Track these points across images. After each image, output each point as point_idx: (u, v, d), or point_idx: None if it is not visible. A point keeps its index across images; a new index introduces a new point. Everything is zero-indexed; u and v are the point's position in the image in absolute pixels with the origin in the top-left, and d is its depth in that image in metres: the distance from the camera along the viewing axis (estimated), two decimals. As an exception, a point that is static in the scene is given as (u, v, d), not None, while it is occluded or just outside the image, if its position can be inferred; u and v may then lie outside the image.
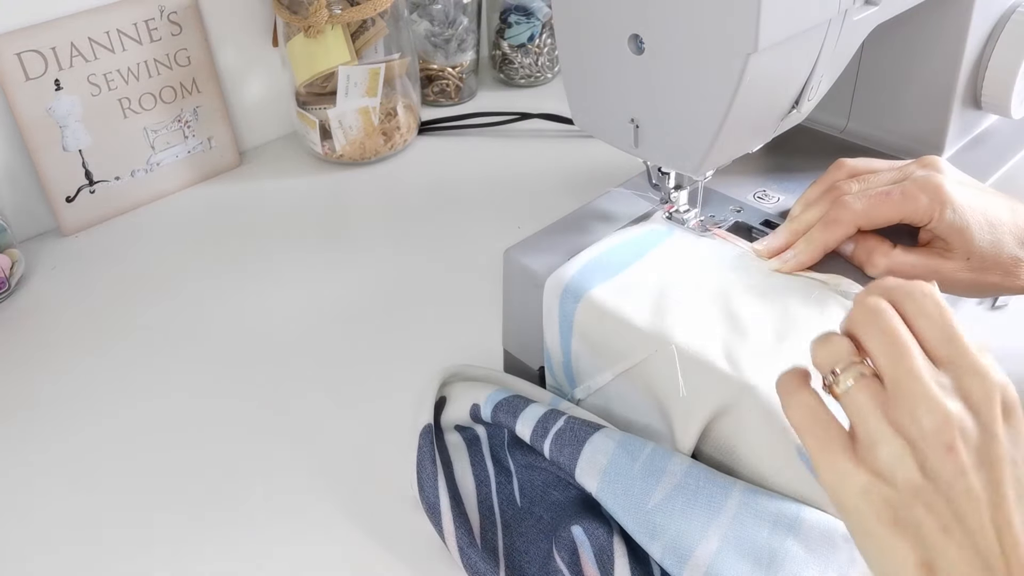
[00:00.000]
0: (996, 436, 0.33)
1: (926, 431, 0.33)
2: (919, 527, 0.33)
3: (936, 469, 0.33)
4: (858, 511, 0.34)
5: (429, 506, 0.48)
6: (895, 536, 0.33)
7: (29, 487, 0.55)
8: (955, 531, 0.32)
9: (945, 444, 0.33)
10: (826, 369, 0.36)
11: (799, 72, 0.47)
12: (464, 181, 0.83)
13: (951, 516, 0.33)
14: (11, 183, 0.76)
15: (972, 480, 0.33)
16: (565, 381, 0.53)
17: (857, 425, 0.35)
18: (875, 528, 0.34)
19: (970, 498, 0.32)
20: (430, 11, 0.90)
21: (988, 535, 0.32)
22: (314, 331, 0.66)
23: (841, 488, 0.34)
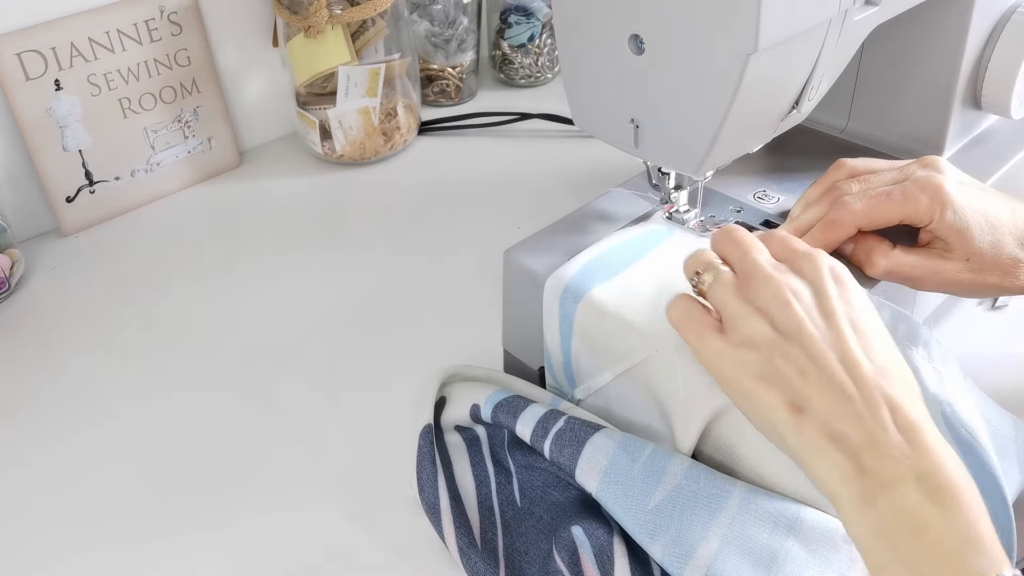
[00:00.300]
0: (826, 294, 0.40)
1: (768, 297, 0.40)
2: (781, 375, 0.39)
3: (782, 323, 0.39)
4: (734, 378, 0.40)
5: (429, 506, 0.48)
6: (763, 388, 0.39)
7: (29, 487, 0.55)
8: (810, 372, 0.38)
9: (783, 302, 0.40)
10: (691, 273, 0.44)
11: (799, 72, 0.47)
12: (464, 181, 0.83)
13: (805, 359, 0.38)
14: (11, 183, 0.76)
15: (812, 327, 0.39)
16: (565, 381, 0.53)
17: (720, 310, 0.42)
18: (748, 386, 0.39)
19: (814, 341, 0.38)
20: (430, 11, 0.90)
21: (838, 371, 0.38)
22: (314, 331, 0.66)
23: (717, 363, 0.41)
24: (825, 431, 0.37)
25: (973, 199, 0.48)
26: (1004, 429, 0.46)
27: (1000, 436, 0.46)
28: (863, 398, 0.37)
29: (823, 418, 0.37)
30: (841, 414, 0.37)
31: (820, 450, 0.37)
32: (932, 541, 0.34)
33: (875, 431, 0.36)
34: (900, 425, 0.36)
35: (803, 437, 0.38)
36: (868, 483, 0.36)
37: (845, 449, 0.37)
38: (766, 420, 0.39)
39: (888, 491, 0.35)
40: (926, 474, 0.35)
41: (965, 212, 0.48)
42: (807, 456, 0.38)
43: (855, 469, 0.36)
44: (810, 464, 0.38)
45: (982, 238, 0.48)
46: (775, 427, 0.39)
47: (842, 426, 0.37)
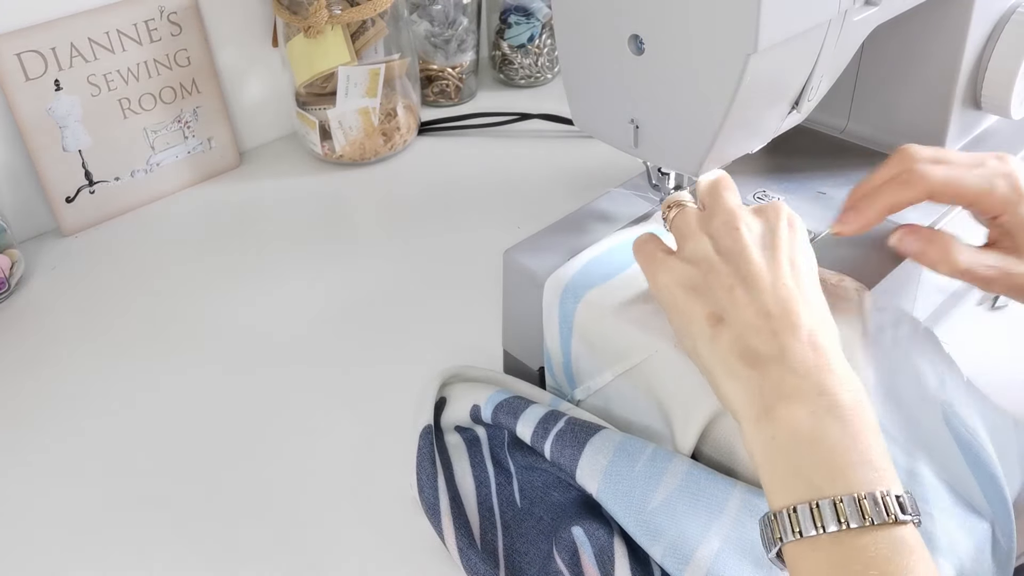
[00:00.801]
0: (776, 231, 0.42)
1: (719, 223, 0.43)
2: (709, 288, 0.41)
3: (726, 247, 0.42)
4: (667, 287, 0.42)
5: (429, 507, 0.48)
6: (690, 298, 0.41)
7: (29, 487, 0.55)
8: (738, 289, 0.40)
9: (732, 227, 0.42)
10: (664, 209, 0.47)
11: (799, 72, 0.47)
12: (464, 181, 0.83)
13: (737, 278, 0.40)
14: (11, 183, 0.76)
15: (754, 253, 0.41)
16: (565, 382, 0.53)
17: (676, 235, 0.45)
18: (678, 296, 0.42)
19: (752, 265, 0.40)
20: (430, 11, 0.90)
21: (767, 292, 0.39)
22: (313, 331, 0.66)
23: (657, 273, 0.43)
24: (738, 344, 0.39)
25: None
26: (1004, 429, 0.46)
27: (1000, 436, 0.46)
28: (782, 316, 0.39)
29: (738, 331, 0.39)
30: (756, 328, 0.39)
31: (728, 364, 0.39)
32: (824, 454, 0.35)
33: (784, 346, 0.38)
34: (809, 344, 0.38)
35: (716, 349, 0.40)
36: (769, 396, 0.37)
37: (753, 363, 0.38)
38: (687, 331, 0.41)
39: (786, 404, 0.37)
40: (824, 392, 0.36)
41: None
42: (716, 369, 0.40)
43: (758, 383, 0.38)
44: (718, 378, 0.39)
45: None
46: (693, 339, 0.41)
47: (755, 340, 0.39)
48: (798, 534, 0.34)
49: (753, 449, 0.37)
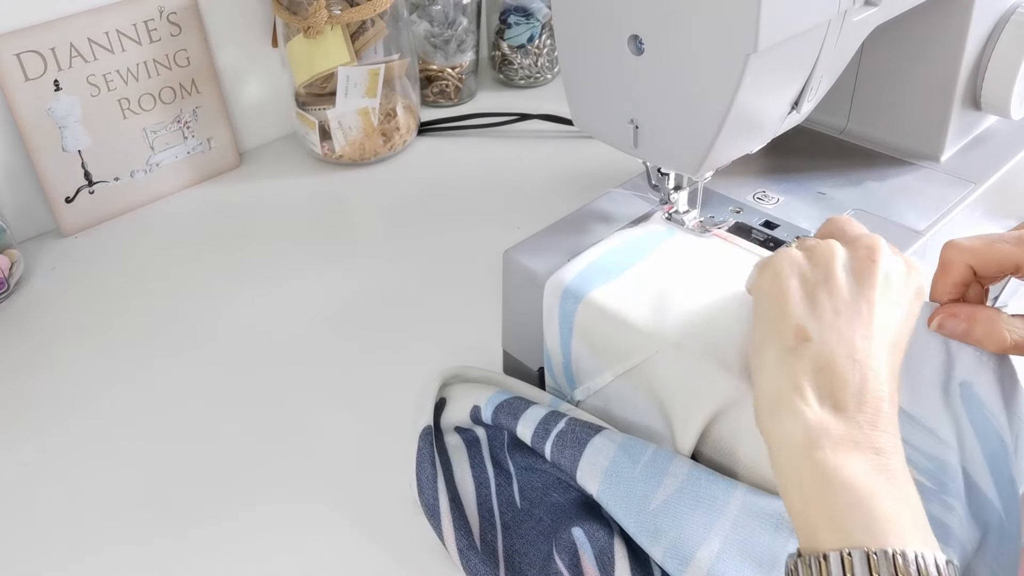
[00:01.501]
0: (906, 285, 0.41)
1: (863, 246, 0.41)
2: (815, 300, 0.39)
3: (855, 270, 0.40)
4: (778, 275, 0.40)
5: (428, 508, 0.48)
6: (793, 292, 0.40)
7: (28, 486, 0.55)
8: (844, 316, 0.38)
9: (871, 259, 0.40)
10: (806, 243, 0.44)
11: (799, 73, 0.47)
12: (463, 182, 0.83)
13: (848, 308, 0.39)
14: (11, 184, 0.76)
15: (877, 295, 0.39)
16: (565, 382, 0.53)
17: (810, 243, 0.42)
18: (781, 285, 0.40)
19: (869, 305, 0.39)
20: (430, 12, 0.90)
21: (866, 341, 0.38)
22: (313, 331, 0.66)
23: (777, 257, 0.41)
24: (815, 375, 0.38)
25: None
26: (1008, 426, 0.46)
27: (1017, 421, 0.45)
28: (866, 367, 0.37)
29: (821, 362, 0.38)
30: (840, 368, 0.37)
31: (798, 386, 0.37)
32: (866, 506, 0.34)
33: (859, 396, 0.37)
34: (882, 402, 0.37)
35: (791, 364, 0.38)
36: (830, 440, 0.36)
37: (821, 399, 0.37)
38: (765, 333, 0.40)
39: (846, 453, 0.36)
40: (881, 451, 0.36)
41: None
42: (783, 383, 0.38)
43: (821, 420, 0.36)
44: (781, 392, 0.38)
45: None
46: (771, 339, 0.39)
47: (832, 377, 0.37)
48: None
49: (798, 479, 0.36)
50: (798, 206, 0.58)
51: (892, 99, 0.61)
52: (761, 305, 0.41)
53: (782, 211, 0.57)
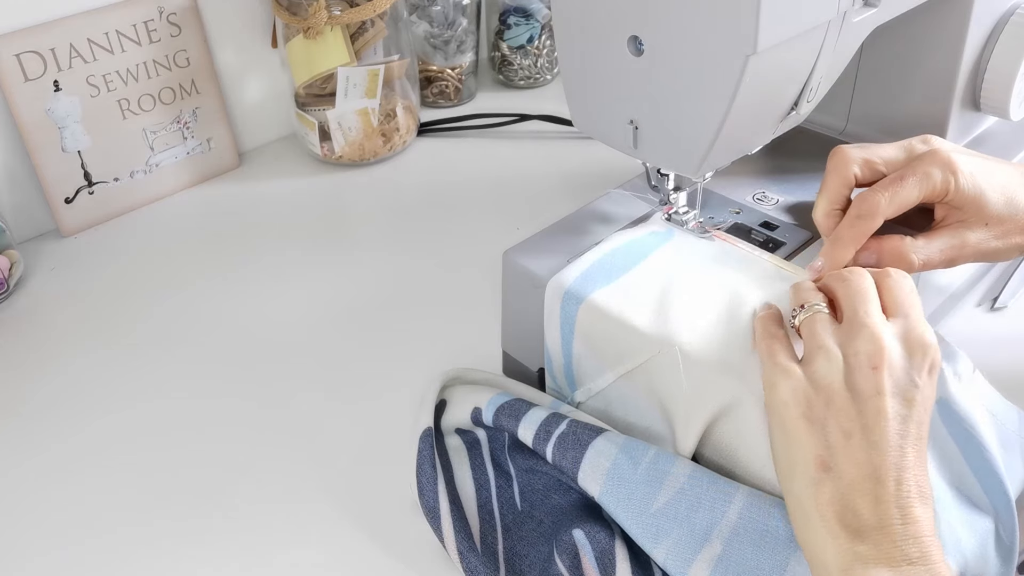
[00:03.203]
0: (916, 383, 0.39)
1: (860, 352, 0.39)
2: (825, 425, 0.38)
3: (858, 384, 0.38)
4: (784, 405, 0.39)
5: (429, 510, 0.48)
6: (802, 429, 0.38)
7: (28, 487, 0.55)
8: (856, 437, 0.37)
9: (872, 364, 0.38)
10: (795, 304, 0.44)
11: (798, 74, 0.47)
12: (463, 182, 0.83)
13: (857, 425, 0.37)
14: (10, 184, 0.76)
15: (886, 403, 0.38)
16: (566, 384, 0.53)
17: (806, 342, 0.41)
18: (793, 419, 0.39)
19: (879, 416, 0.37)
20: (429, 12, 0.90)
21: (891, 453, 0.37)
22: (313, 332, 0.66)
23: (778, 383, 0.40)
24: (839, 502, 0.37)
25: (978, 165, 0.48)
26: (1009, 423, 0.46)
27: (1005, 430, 0.46)
28: (891, 483, 0.37)
29: (843, 488, 0.37)
30: (863, 491, 0.37)
31: (825, 518, 0.37)
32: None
33: (884, 517, 0.36)
34: (912, 513, 0.37)
35: (817, 497, 0.38)
36: (861, 561, 0.36)
37: (848, 526, 0.37)
38: (790, 462, 0.39)
39: (875, 568, 0.36)
40: (913, 561, 0.35)
41: (976, 177, 0.48)
42: (812, 516, 0.38)
43: (851, 547, 0.36)
44: (812, 525, 0.38)
45: (996, 200, 0.48)
46: (794, 473, 0.39)
47: (858, 502, 0.37)
48: None
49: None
50: (798, 207, 0.58)
51: (891, 100, 0.61)
52: (775, 434, 0.41)
53: (782, 212, 0.57)
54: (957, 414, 0.45)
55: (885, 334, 0.40)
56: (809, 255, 0.54)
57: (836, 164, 0.50)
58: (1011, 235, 0.49)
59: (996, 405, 0.47)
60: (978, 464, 0.44)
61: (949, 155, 0.48)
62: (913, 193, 0.48)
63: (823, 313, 0.42)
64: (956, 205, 0.49)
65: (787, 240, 0.55)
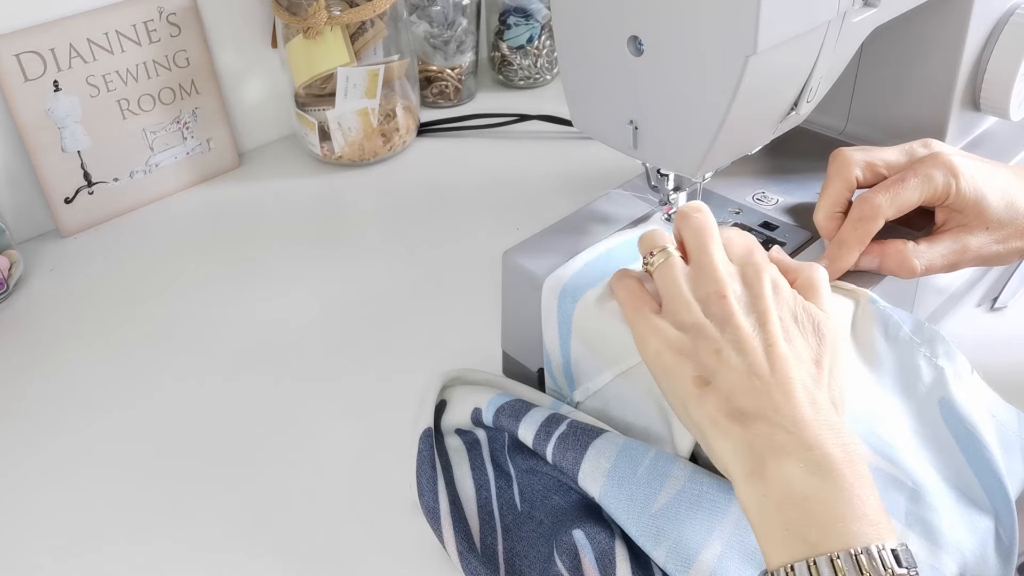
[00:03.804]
0: (761, 296, 0.42)
1: (708, 291, 0.42)
2: (696, 352, 0.41)
3: (713, 314, 0.42)
4: (657, 353, 0.42)
5: (428, 510, 0.48)
6: (678, 361, 0.41)
7: (28, 487, 0.55)
8: (725, 351, 0.40)
9: (719, 295, 0.42)
10: (645, 252, 0.46)
11: (798, 74, 0.47)
12: (463, 182, 0.83)
13: (724, 342, 0.40)
14: (10, 184, 0.76)
15: (740, 319, 0.41)
16: (565, 383, 0.53)
17: (663, 292, 0.44)
18: (667, 360, 0.42)
19: (739, 329, 0.41)
20: (429, 13, 0.90)
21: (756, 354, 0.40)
22: (313, 333, 0.66)
23: (647, 338, 0.43)
24: (726, 404, 0.39)
25: (979, 168, 0.49)
26: (1009, 424, 0.46)
27: (1005, 431, 0.46)
28: (770, 375, 0.39)
29: (726, 391, 0.39)
30: (744, 388, 0.39)
31: (716, 423, 0.39)
32: (817, 509, 0.35)
33: (773, 403, 0.38)
34: (799, 400, 0.38)
35: (704, 409, 0.39)
36: (757, 453, 0.37)
37: (740, 420, 0.38)
38: (675, 394, 0.42)
39: (776, 460, 0.37)
40: (813, 446, 0.37)
41: (977, 180, 0.48)
42: (706, 430, 0.39)
43: (746, 440, 0.38)
44: (708, 439, 0.39)
45: (997, 203, 0.48)
46: (683, 402, 0.41)
47: (742, 399, 0.39)
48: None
49: (746, 507, 0.37)
50: (798, 207, 0.58)
51: (891, 100, 0.61)
52: (660, 383, 0.43)
53: (781, 212, 0.57)
54: (958, 413, 0.45)
55: (725, 271, 0.43)
56: (809, 255, 0.54)
57: (838, 167, 0.51)
58: (1011, 239, 0.49)
59: (994, 406, 0.47)
60: (978, 464, 0.45)
61: (950, 158, 0.48)
62: (914, 195, 0.48)
63: (672, 257, 0.45)
64: (957, 208, 0.49)
65: (787, 240, 0.55)
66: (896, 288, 0.52)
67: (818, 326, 0.42)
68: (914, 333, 0.47)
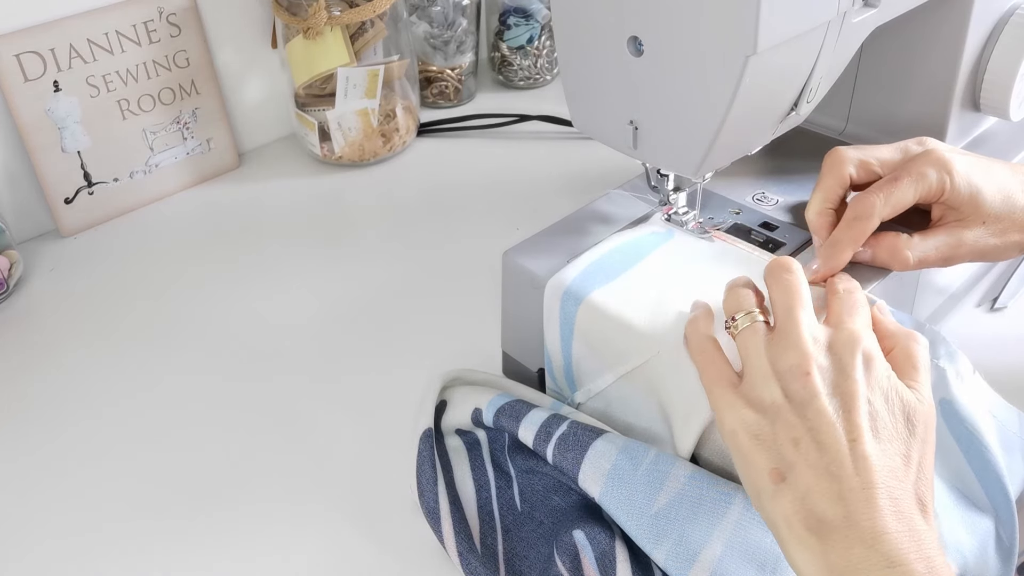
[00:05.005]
0: (850, 376, 0.39)
1: (790, 364, 0.39)
2: (774, 439, 0.38)
3: (794, 392, 0.39)
4: (733, 432, 0.40)
5: (429, 511, 0.48)
6: (755, 449, 0.39)
7: (27, 487, 0.55)
8: (804, 442, 0.37)
9: (803, 372, 0.39)
10: (729, 313, 0.43)
11: (798, 74, 0.47)
12: (463, 183, 0.83)
13: (803, 430, 0.38)
14: (10, 184, 0.76)
15: (824, 402, 0.38)
16: (566, 384, 0.53)
17: (744, 361, 0.42)
18: (743, 444, 0.39)
19: (821, 416, 0.37)
20: (429, 13, 0.90)
21: (838, 448, 0.37)
22: (313, 333, 0.66)
23: (724, 415, 0.41)
24: (802, 508, 0.36)
25: (973, 164, 0.49)
26: (1010, 424, 0.46)
27: (1006, 431, 0.46)
28: (851, 477, 0.36)
29: (802, 492, 0.37)
30: (822, 491, 0.36)
31: (792, 527, 0.36)
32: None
33: (850, 512, 0.35)
34: (881, 507, 0.35)
35: (778, 508, 0.37)
36: (835, 568, 0.35)
37: (817, 529, 0.36)
38: (751, 484, 0.39)
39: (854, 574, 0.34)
40: (894, 562, 0.34)
41: (971, 175, 0.48)
42: (781, 532, 0.37)
43: (823, 551, 0.35)
44: (783, 542, 0.37)
45: (993, 198, 0.48)
46: (758, 492, 0.39)
47: (820, 504, 0.36)
48: None
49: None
50: (798, 207, 0.58)
51: (891, 101, 0.61)
52: (736, 462, 0.40)
53: (781, 212, 0.57)
54: (959, 414, 0.45)
55: (809, 339, 0.40)
56: (809, 255, 0.54)
57: (832, 164, 0.51)
58: (1009, 233, 0.49)
59: (995, 406, 0.47)
60: (979, 465, 0.45)
61: (944, 154, 0.48)
62: (909, 193, 0.48)
63: (757, 323, 0.42)
64: (952, 204, 0.49)
65: (787, 240, 0.55)
66: (896, 288, 0.52)
67: (910, 415, 0.39)
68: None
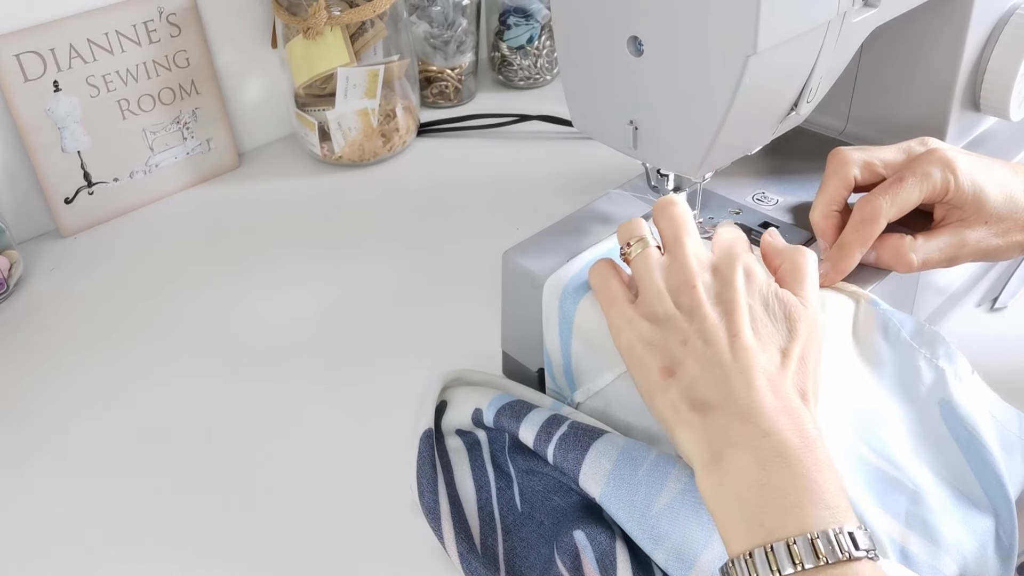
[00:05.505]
0: (731, 285, 0.43)
1: (680, 281, 0.43)
2: (665, 343, 0.42)
3: (683, 304, 0.43)
4: (629, 344, 0.43)
5: (429, 511, 0.48)
6: (647, 352, 0.42)
7: (27, 487, 0.55)
8: (692, 341, 0.41)
9: (689, 286, 0.43)
10: (623, 241, 0.47)
11: (798, 74, 0.47)
12: (463, 183, 0.83)
13: (691, 332, 0.41)
14: (10, 184, 0.76)
15: (708, 308, 0.42)
16: (565, 384, 0.53)
17: (638, 282, 0.45)
18: (637, 351, 0.43)
19: (706, 319, 0.41)
20: (429, 13, 0.90)
21: (721, 344, 0.40)
22: (313, 333, 0.66)
23: (621, 329, 0.44)
24: (688, 394, 0.40)
25: (976, 164, 0.49)
26: (1010, 425, 0.46)
27: (1006, 432, 0.46)
28: (731, 364, 0.39)
29: (688, 381, 0.40)
30: (705, 378, 0.40)
31: (678, 412, 0.40)
32: (773, 496, 0.36)
33: (730, 392, 0.39)
34: (759, 388, 0.39)
35: (667, 399, 0.40)
36: (715, 443, 0.38)
37: (700, 409, 0.39)
38: (645, 386, 0.42)
39: (732, 449, 0.37)
40: (769, 433, 0.37)
41: (974, 175, 0.48)
42: (668, 420, 0.40)
43: (704, 429, 0.38)
44: (671, 429, 0.40)
45: (996, 197, 0.49)
46: (650, 392, 0.42)
47: (703, 389, 0.39)
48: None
49: (706, 497, 0.38)
50: (798, 207, 0.58)
51: (891, 101, 0.61)
52: (631, 372, 0.44)
53: (781, 212, 0.57)
54: (958, 415, 0.45)
55: (694, 259, 0.44)
56: (809, 255, 0.54)
57: (836, 166, 0.51)
58: (1011, 232, 0.49)
59: (995, 407, 0.47)
60: (979, 465, 0.45)
61: (947, 154, 0.49)
62: (914, 194, 0.48)
63: (650, 247, 0.46)
64: (956, 204, 0.49)
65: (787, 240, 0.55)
66: (896, 288, 0.52)
67: (789, 314, 0.42)
68: (914, 335, 0.47)
